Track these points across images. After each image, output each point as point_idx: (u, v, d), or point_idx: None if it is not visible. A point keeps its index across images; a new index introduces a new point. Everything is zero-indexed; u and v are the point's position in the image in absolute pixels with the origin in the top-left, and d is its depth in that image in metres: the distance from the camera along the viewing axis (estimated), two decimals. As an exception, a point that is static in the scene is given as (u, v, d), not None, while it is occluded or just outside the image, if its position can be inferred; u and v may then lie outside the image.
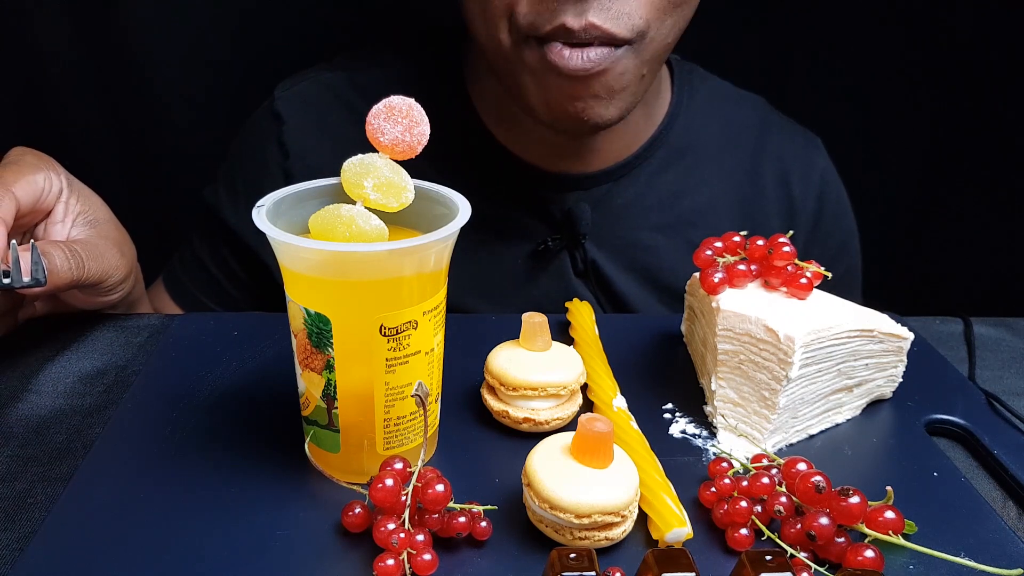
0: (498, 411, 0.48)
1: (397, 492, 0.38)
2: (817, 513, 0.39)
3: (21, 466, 0.45)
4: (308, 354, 0.41)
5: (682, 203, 0.73)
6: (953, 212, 0.97)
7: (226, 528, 0.40)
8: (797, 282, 0.49)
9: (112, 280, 0.57)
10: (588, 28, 0.54)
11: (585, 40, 0.55)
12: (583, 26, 0.54)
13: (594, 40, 0.55)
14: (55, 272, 0.51)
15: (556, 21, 0.55)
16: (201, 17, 0.84)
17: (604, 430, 0.39)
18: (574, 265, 0.71)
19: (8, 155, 0.56)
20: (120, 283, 0.59)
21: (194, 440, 0.46)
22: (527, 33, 0.57)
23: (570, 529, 0.38)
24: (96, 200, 0.60)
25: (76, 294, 0.58)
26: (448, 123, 0.64)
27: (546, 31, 0.55)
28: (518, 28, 0.57)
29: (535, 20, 0.56)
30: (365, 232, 0.40)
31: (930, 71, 0.92)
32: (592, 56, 0.56)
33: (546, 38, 0.56)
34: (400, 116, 0.41)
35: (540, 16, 0.55)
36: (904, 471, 0.46)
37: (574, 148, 0.70)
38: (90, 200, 0.59)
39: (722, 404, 0.49)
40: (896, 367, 0.51)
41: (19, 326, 0.59)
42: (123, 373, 0.54)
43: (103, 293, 0.58)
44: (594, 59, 0.56)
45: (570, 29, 0.54)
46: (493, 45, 0.60)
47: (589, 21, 0.54)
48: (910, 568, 0.39)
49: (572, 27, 0.54)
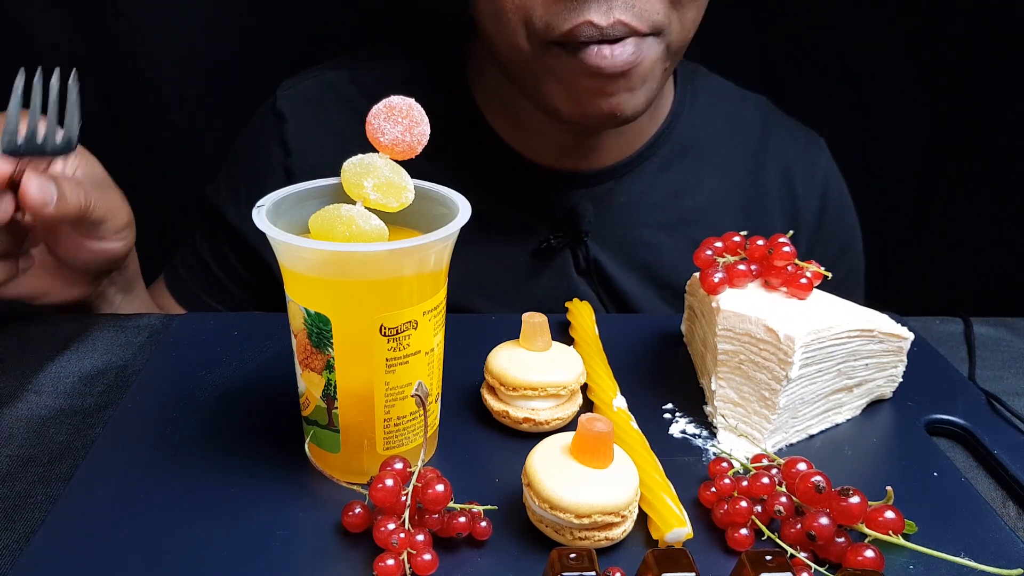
0: (498, 411, 0.48)
1: (397, 492, 0.38)
2: (817, 513, 0.39)
3: (21, 466, 0.45)
4: (308, 354, 0.41)
5: (684, 201, 0.73)
6: (953, 212, 0.97)
7: (226, 528, 0.40)
8: (797, 282, 0.49)
9: (116, 222, 0.58)
10: (616, 25, 0.55)
11: (615, 36, 0.55)
12: (611, 23, 0.55)
13: (624, 35, 0.56)
14: (64, 196, 0.51)
15: (578, 19, 0.55)
16: (202, 17, 0.84)
17: (604, 430, 0.39)
18: (576, 263, 0.72)
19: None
20: (122, 229, 0.59)
21: (194, 440, 0.46)
22: (545, 37, 0.56)
23: (570, 529, 0.38)
24: (94, 159, 0.60)
25: (80, 241, 0.58)
26: (451, 121, 0.64)
27: (566, 29, 0.55)
28: (536, 32, 0.57)
29: (552, 20, 0.56)
30: (365, 232, 0.40)
31: (930, 71, 0.92)
32: (629, 50, 0.56)
33: (568, 38, 0.56)
34: (400, 116, 0.41)
35: (557, 16, 0.55)
36: (904, 471, 0.46)
37: (577, 146, 0.70)
38: (88, 159, 0.59)
39: (722, 404, 0.49)
40: (896, 367, 0.51)
41: (19, 291, 0.59)
42: (123, 373, 0.54)
43: (106, 238, 0.58)
44: (631, 52, 0.56)
45: (597, 25, 0.55)
46: (513, 52, 0.59)
47: (617, 18, 0.55)
48: (910, 568, 0.39)
49: (600, 24, 0.54)
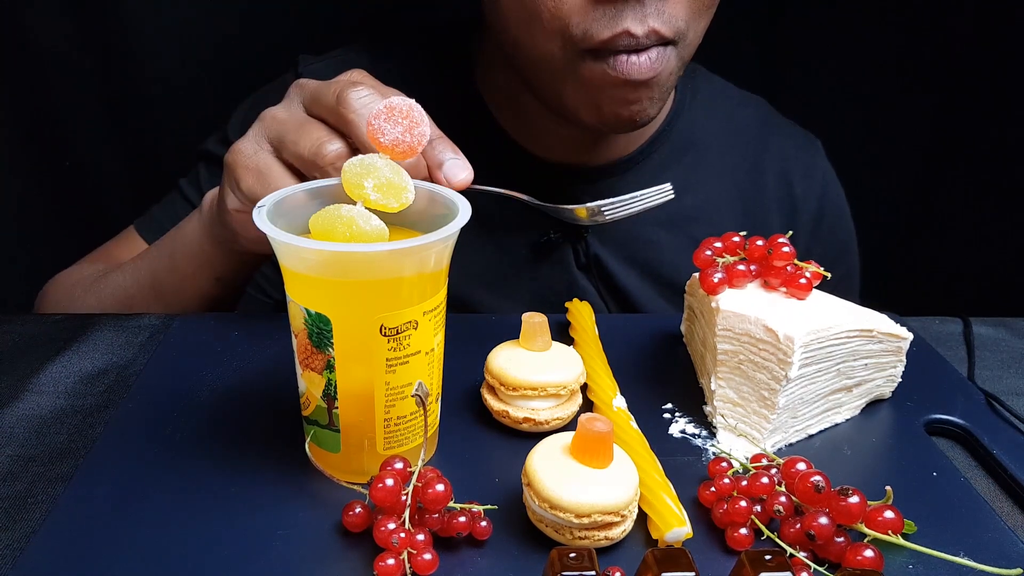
0: (498, 411, 0.48)
1: (397, 492, 0.38)
2: (817, 513, 0.39)
3: (21, 466, 0.45)
4: (308, 354, 0.41)
5: (684, 199, 0.74)
6: (953, 212, 0.97)
7: (226, 528, 0.40)
8: (796, 282, 0.49)
9: None
10: (650, 34, 0.55)
11: (646, 45, 0.56)
12: (646, 32, 0.55)
13: (653, 45, 0.56)
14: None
15: (617, 28, 0.55)
16: (202, 18, 0.84)
17: (604, 430, 0.39)
18: (576, 258, 0.72)
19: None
20: None
21: (194, 440, 0.46)
22: (582, 45, 0.57)
23: (570, 529, 0.38)
24: None
25: None
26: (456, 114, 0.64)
27: (605, 38, 0.55)
28: (572, 40, 0.57)
29: (590, 28, 0.56)
30: (365, 232, 0.40)
31: (930, 71, 0.92)
32: (654, 58, 0.57)
33: (604, 47, 0.56)
34: (400, 117, 0.41)
35: (597, 23, 0.55)
36: (904, 471, 0.46)
37: (582, 143, 0.70)
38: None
39: (722, 404, 0.49)
40: (895, 367, 0.51)
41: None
42: (123, 373, 0.54)
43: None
44: (656, 59, 0.57)
45: (634, 35, 0.55)
46: (542, 59, 0.59)
47: (651, 27, 0.55)
48: (909, 568, 0.39)
49: (636, 33, 0.55)
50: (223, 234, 0.57)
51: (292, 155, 0.49)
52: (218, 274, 0.62)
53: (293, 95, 0.53)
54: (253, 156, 0.51)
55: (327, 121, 0.50)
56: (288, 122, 0.51)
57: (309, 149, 0.48)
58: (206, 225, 0.60)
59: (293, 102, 0.52)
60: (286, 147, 0.50)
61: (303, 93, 0.52)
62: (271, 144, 0.51)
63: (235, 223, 0.55)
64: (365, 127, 0.46)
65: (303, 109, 0.51)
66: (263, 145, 0.51)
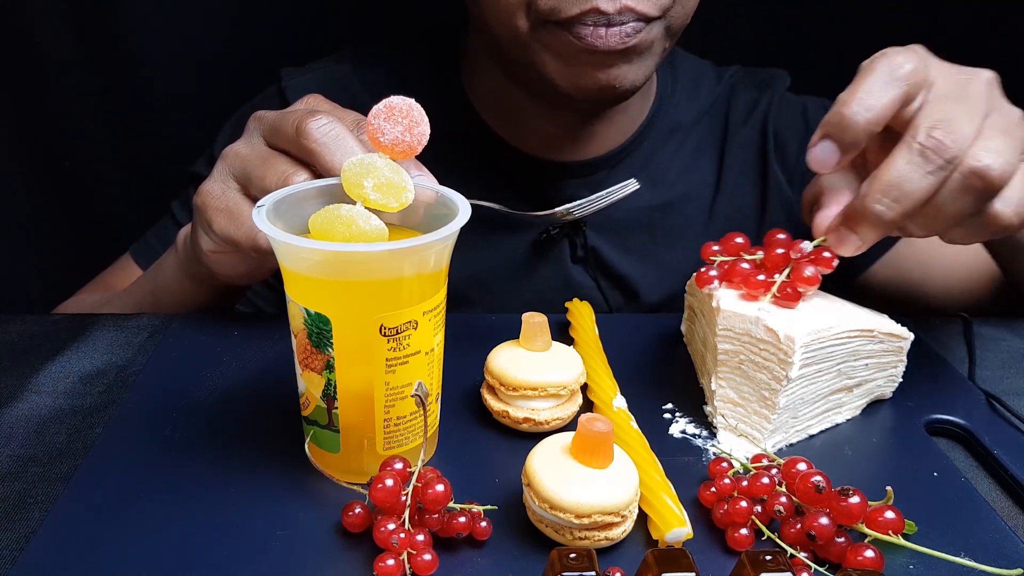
0: (498, 411, 0.48)
1: (397, 492, 0.38)
2: (817, 513, 0.39)
3: (21, 466, 0.45)
4: (308, 354, 0.41)
5: (674, 181, 0.75)
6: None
7: (226, 528, 0.40)
8: (823, 260, 0.48)
9: None
10: (623, 11, 0.55)
11: (619, 21, 0.56)
12: (618, 9, 0.55)
13: (629, 21, 0.56)
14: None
15: (585, 5, 0.55)
16: (201, 18, 0.84)
17: (604, 430, 0.39)
18: (573, 252, 0.73)
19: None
20: None
21: (194, 440, 0.46)
22: (546, 18, 0.57)
23: (570, 529, 0.38)
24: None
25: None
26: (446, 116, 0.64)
27: (573, 14, 0.55)
28: (537, 13, 0.57)
29: (558, 5, 0.56)
30: (365, 232, 0.40)
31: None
32: (628, 31, 0.56)
33: (572, 21, 0.56)
34: (400, 116, 0.41)
35: (564, 1, 0.55)
36: (904, 471, 0.46)
37: (571, 137, 0.71)
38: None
39: (722, 404, 0.49)
40: (896, 367, 0.51)
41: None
42: (123, 373, 0.54)
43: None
44: (630, 33, 0.56)
45: (604, 13, 0.55)
46: (508, 32, 0.60)
47: (624, 4, 0.55)
48: (910, 568, 0.39)
49: (607, 10, 0.55)
50: (200, 272, 0.57)
51: (260, 191, 0.49)
52: (201, 306, 0.62)
53: (252, 128, 0.52)
54: (222, 196, 0.51)
55: (289, 152, 0.49)
56: (251, 158, 0.50)
57: (276, 183, 0.47)
58: (183, 263, 0.60)
59: (253, 136, 0.52)
60: (253, 183, 0.50)
61: (262, 126, 0.51)
62: (237, 182, 0.51)
63: (211, 263, 0.54)
64: (327, 156, 0.46)
65: (264, 142, 0.51)
66: (230, 184, 0.51)
